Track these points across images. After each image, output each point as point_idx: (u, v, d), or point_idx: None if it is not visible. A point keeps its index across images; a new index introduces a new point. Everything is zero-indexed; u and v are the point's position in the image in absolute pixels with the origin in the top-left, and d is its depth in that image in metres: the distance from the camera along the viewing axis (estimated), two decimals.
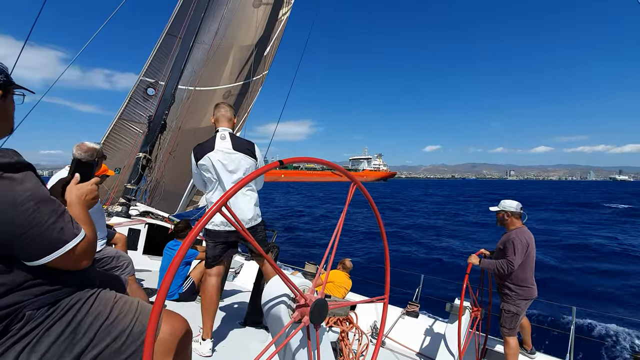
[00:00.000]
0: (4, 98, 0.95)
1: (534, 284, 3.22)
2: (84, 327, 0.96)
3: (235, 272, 5.31)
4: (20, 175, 0.85)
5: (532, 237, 3.23)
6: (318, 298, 1.16)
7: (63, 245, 0.89)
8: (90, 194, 1.11)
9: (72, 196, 1.08)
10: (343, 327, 2.83)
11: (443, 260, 12.54)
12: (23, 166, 0.86)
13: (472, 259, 3.38)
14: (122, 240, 3.56)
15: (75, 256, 0.93)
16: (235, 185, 0.86)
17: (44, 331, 0.90)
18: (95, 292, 1.05)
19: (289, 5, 7.91)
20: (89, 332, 0.96)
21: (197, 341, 2.31)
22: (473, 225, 21.74)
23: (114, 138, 6.52)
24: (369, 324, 4.11)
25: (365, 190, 1.32)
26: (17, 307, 0.87)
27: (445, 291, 7.35)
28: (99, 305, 1.02)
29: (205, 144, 2.41)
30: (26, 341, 0.88)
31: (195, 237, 0.80)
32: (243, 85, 7.90)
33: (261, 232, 2.54)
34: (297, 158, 1.05)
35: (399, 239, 16.34)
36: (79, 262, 0.95)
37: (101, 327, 0.99)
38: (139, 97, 6.64)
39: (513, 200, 3.36)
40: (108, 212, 4.87)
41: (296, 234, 17.61)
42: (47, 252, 0.87)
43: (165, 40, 6.60)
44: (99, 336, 0.98)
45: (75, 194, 1.09)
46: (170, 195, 7.26)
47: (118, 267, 2.71)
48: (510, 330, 3.20)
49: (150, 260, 4.71)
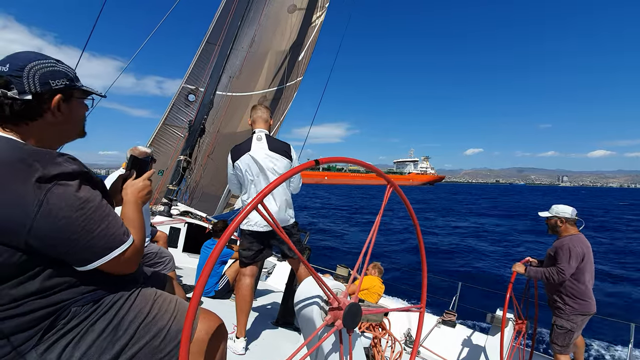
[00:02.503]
0: (66, 102, 0.97)
1: (592, 298, 2.91)
2: (125, 323, 0.98)
3: (268, 272, 5.40)
4: (75, 182, 0.86)
5: (589, 245, 2.94)
6: (352, 302, 1.14)
7: (110, 252, 0.91)
8: (144, 190, 1.15)
9: (128, 193, 1.12)
10: (376, 333, 2.76)
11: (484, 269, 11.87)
12: (78, 174, 0.88)
13: (517, 267, 3.14)
14: (164, 238, 3.76)
15: (122, 262, 0.95)
16: (271, 183, 0.86)
17: (88, 327, 0.92)
18: (137, 289, 1.07)
19: (322, 9, 7.98)
20: (129, 329, 0.98)
21: (232, 339, 2.36)
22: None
23: (158, 142, 6.95)
24: (402, 330, 3.98)
25: (401, 192, 1.27)
26: (65, 304, 0.90)
27: (485, 300, 6.95)
28: (140, 303, 1.04)
29: (242, 145, 2.48)
30: (71, 336, 0.90)
31: (230, 237, 0.81)
32: (277, 91, 8.07)
33: (295, 234, 2.55)
34: (333, 158, 1.03)
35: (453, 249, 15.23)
36: (126, 267, 0.97)
37: (141, 325, 1.00)
38: (181, 103, 7.04)
39: (567, 206, 3.06)
40: (152, 212, 5.18)
41: (329, 236, 17.60)
42: (95, 258, 0.89)
43: (205, 48, 6.93)
44: (138, 333, 0.98)
45: (130, 190, 1.13)
46: (208, 198, 7.57)
47: (160, 262, 2.86)
48: (562, 348, 2.92)
49: (189, 257, 4.93)
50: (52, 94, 0.92)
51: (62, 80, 0.94)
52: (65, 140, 1.04)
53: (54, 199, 0.82)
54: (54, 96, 0.93)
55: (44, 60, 0.92)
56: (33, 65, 0.89)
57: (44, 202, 0.80)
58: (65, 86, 0.94)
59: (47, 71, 0.92)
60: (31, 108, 0.90)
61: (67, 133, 1.02)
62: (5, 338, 0.84)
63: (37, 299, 0.86)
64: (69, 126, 1.00)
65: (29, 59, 0.90)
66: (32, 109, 0.90)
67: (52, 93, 0.92)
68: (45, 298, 0.87)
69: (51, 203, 0.81)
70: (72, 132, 1.03)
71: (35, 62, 0.90)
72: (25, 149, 0.86)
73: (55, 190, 0.82)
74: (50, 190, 0.82)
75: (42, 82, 0.90)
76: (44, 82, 0.90)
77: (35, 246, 0.82)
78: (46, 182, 0.82)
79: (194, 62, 6.98)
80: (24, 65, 0.88)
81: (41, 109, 0.92)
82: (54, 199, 0.82)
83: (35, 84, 0.89)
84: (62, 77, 0.94)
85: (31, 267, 0.84)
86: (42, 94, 0.90)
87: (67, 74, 0.96)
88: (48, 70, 0.92)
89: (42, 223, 0.80)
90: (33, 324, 0.86)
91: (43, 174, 0.81)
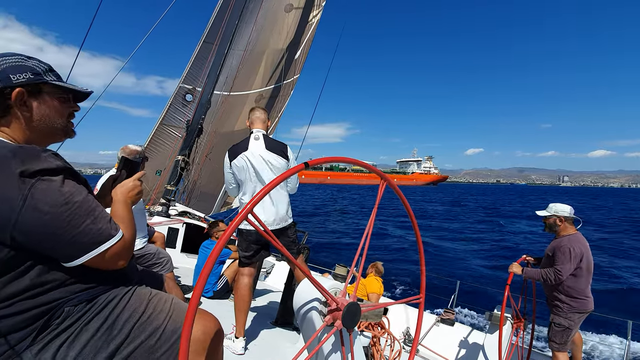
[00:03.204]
0: (34, 97, 0.95)
1: (590, 296, 2.93)
2: (119, 323, 0.97)
3: (267, 272, 5.40)
4: (58, 178, 0.87)
5: (587, 245, 2.95)
6: (350, 302, 1.13)
7: (97, 247, 0.91)
8: (133, 190, 1.15)
9: (117, 193, 1.12)
10: (375, 332, 2.77)
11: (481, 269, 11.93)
12: (62, 169, 0.88)
13: (514, 267, 3.14)
14: (162, 239, 3.75)
15: (110, 257, 0.94)
16: (263, 189, 0.87)
17: (82, 326, 0.92)
18: (132, 289, 1.07)
19: (319, 8, 7.97)
20: (124, 328, 0.97)
21: (231, 339, 2.36)
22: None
23: (155, 142, 6.91)
24: (401, 330, 3.99)
25: (396, 186, 1.27)
26: (57, 303, 0.90)
27: (484, 300, 6.97)
28: (135, 302, 1.03)
29: (240, 144, 2.49)
30: (65, 336, 0.90)
31: (228, 239, 0.81)
32: (274, 89, 8.06)
33: (292, 234, 2.55)
34: (324, 158, 1.03)
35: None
36: (114, 262, 0.96)
37: (136, 324, 0.99)
38: (178, 103, 7.00)
39: (565, 204, 3.07)
40: (150, 212, 5.16)
41: (328, 235, 17.61)
42: (82, 253, 0.89)
43: (202, 47, 6.90)
44: (133, 333, 0.98)
45: (119, 191, 1.12)
46: (205, 197, 7.55)
47: (158, 263, 2.85)
48: (560, 345, 2.94)
49: (188, 258, 4.92)
50: (13, 88, 0.91)
51: (25, 74, 0.93)
52: (49, 138, 1.02)
53: (38, 194, 0.82)
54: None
55: (9, 57, 0.93)
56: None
57: (28, 196, 0.81)
58: (27, 80, 0.93)
59: (9, 66, 0.91)
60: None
61: (45, 130, 0.99)
62: (2, 337, 0.84)
63: (29, 298, 0.86)
64: (42, 122, 0.98)
65: None
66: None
67: (13, 87, 0.91)
68: (36, 297, 0.87)
69: (35, 198, 0.82)
70: (50, 129, 1.00)
71: (0, 59, 0.91)
72: (7, 146, 0.86)
73: (39, 185, 0.83)
74: (34, 185, 0.82)
75: (2, 77, 0.90)
76: (4, 77, 0.90)
77: (21, 241, 0.82)
78: (30, 177, 0.82)
79: (191, 61, 6.95)
80: None
81: (6, 105, 0.92)
82: (38, 193, 0.82)
83: None
84: (25, 71, 0.93)
85: (19, 263, 0.84)
86: (2, 89, 0.90)
87: (34, 68, 0.95)
88: (10, 66, 0.91)
89: (27, 218, 0.81)
90: (27, 323, 0.86)
91: (26, 169, 0.82)
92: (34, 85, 0.95)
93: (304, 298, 1.21)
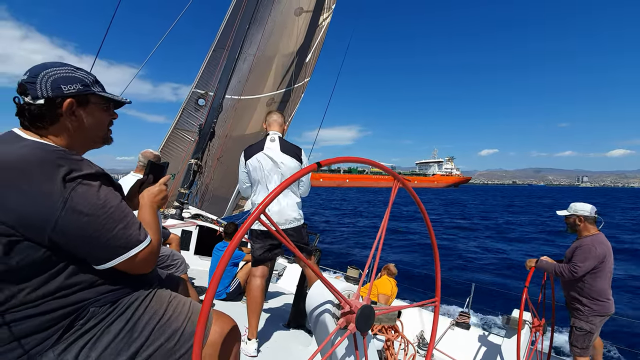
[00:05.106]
0: (83, 107, 0.99)
1: (611, 298, 2.83)
2: (140, 325, 0.99)
3: (279, 274, 5.41)
4: (97, 182, 0.91)
5: (609, 245, 2.84)
6: (364, 304, 1.12)
7: (127, 252, 0.93)
8: (159, 194, 1.18)
9: (144, 199, 1.15)
10: (388, 336, 2.73)
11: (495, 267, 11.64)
12: (100, 175, 0.92)
13: (530, 261, 3.08)
14: (176, 241, 3.80)
15: (138, 261, 0.96)
16: (275, 189, 0.87)
17: (105, 328, 0.94)
18: (152, 291, 1.08)
19: (329, 11, 7.99)
20: (145, 330, 0.99)
21: (244, 341, 2.37)
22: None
23: (169, 146, 7.05)
24: (415, 333, 3.93)
25: (410, 187, 1.25)
26: (84, 303, 0.92)
27: (499, 302, 6.80)
28: (155, 304, 1.05)
29: (255, 145, 2.55)
30: (88, 337, 0.92)
31: (239, 241, 0.81)
32: (285, 93, 8.11)
33: (303, 235, 2.56)
34: (336, 159, 1.02)
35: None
36: (142, 267, 0.99)
37: (156, 326, 1.01)
38: (191, 107, 7.13)
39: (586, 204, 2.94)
40: (164, 215, 5.25)
41: (340, 237, 17.54)
42: (113, 257, 0.92)
43: (214, 53, 7.01)
44: (153, 335, 0.99)
45: (146, 195, 1.16)
46: (218, 200, 7.64)
47: (172, 265, 2.89)
48: (582, 350, 2.84)
49: (201, 260, 4.98)
50: (64, 98, 0.94)
51: (75, 85, 0.96)
52: (89, 145, 1.06)
53: (78, 197, 0.86)
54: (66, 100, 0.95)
55: (59, 68, 0.95)
56: (47, 72, 0.93)
57: (68, 199, 0.85)
58: (77, 91, 0.96)
59: (60, 77, 0.94)
60: (46, 112, 0.93)
61: (89, 138, 1.04)
62: (16, 340, 0.85)
63: (57, 298, 0.88)
64: (88, 131, 1.02)
65: (45, 67, 0.94)
66: (47, 114, 0.93)
67: (64, 98, 0.94)
68: (65, 297, 0.89)
69: (75, 201, 0.85)
70: (94, 137, 1.05)
71: (51, 69, 0.94)
72: (52, 150, 0.90)
73: (79, 189, 0.87)
74: (75, 188, 0.86)
75: (54, 87, 0.93)
76: (55, 87, 0.93)
77: (58, 242, 0.85)
78: (71, 181, 0.86)
79: (204, 66, 7.07)
80: (39, 72, 0.92)
81: (56, 114, 0.94)
82: (77, 197, 0.86)
83: (47, 89, 0.92)
84: (75, 82, 0.96)
85: (54, 264, 0.87)
86: (53, 99, 0.93)
87: (83, 80, 0.98)
88: (61, 76, 0.94)
89: (66, 220, 0.84)
90: (52, 323, 0.88)
91: (68, 173, 0.86)
92: (82, 96, 0.98)
93: (317, 300, 1.20)
